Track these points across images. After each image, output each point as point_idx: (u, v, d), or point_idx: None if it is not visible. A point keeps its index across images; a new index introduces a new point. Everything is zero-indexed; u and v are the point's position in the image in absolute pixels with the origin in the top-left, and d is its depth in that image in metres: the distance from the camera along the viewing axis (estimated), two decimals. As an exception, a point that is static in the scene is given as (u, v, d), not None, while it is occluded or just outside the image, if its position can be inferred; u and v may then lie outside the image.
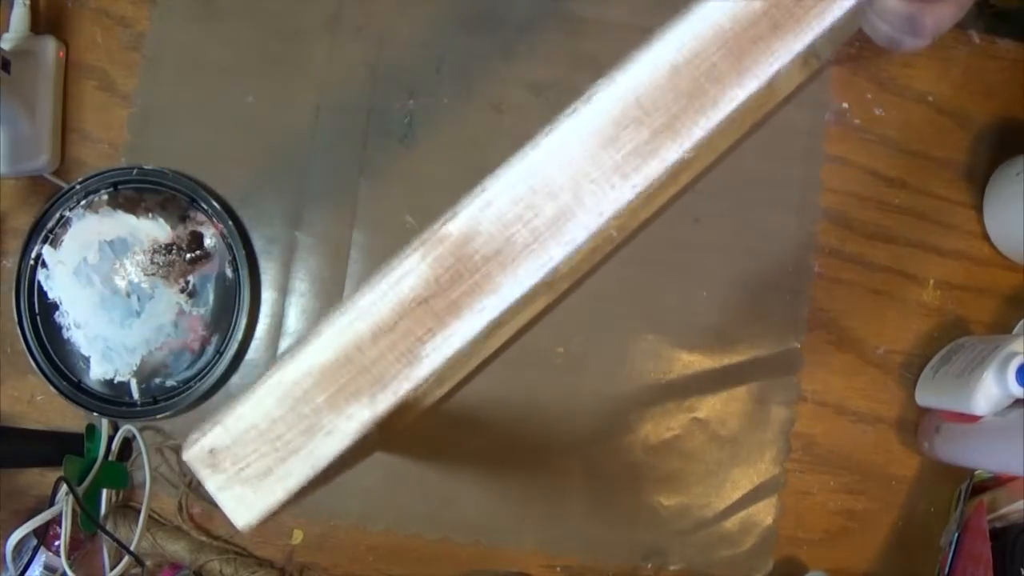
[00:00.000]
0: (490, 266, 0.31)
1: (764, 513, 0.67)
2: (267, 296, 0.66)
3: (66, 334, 0.63)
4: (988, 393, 0.59)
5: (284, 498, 0.32)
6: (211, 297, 0.64)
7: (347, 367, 0.31)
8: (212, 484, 0.32)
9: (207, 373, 0.63)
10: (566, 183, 0.32)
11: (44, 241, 0.63)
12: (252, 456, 0.32)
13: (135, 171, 0.63)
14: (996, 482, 0.66)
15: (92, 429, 0.63)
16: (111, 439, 0.63)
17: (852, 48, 0.69)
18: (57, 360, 0.63)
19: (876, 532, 0.68)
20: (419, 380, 0.31)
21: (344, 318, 0.31)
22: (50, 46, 0.64)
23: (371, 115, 0.67)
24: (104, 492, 0.62)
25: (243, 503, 0.32)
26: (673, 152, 0.31)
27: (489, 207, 0.31)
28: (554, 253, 0.31)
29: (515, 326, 0.45)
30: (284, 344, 0.66)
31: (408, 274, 0.31)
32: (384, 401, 0.31)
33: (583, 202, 0.31)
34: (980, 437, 0.61)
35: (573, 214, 0.31)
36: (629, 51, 0.33)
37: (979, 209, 0.69)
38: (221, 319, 0.64)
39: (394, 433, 0.43)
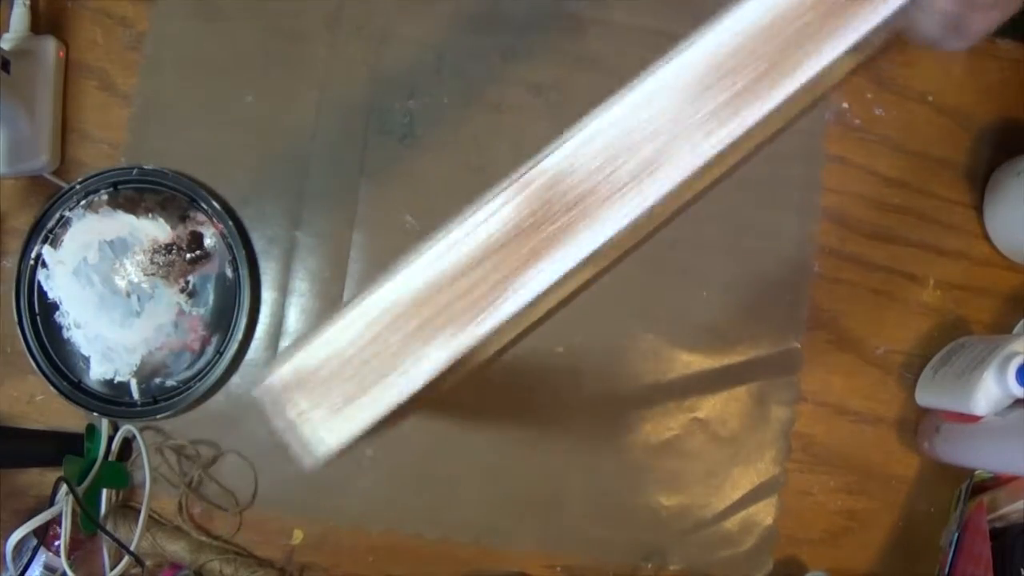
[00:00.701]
0: (573, 214, 0.31)
1: (764, 513, 0.67)
2: (267, 296, 0.66)
3: (66, 334, 0.63)
4: (988, 393, 0.59)
5: (364, 427, 0.31)
6: (211, 297, 0.64)
7: (436, 298, 0.32)
8: (291, 412, 0.32)
9: (207, 373, 0.63)
10: (651, 136, 0.32)
11: (44, 241, 0.63)
12: (335, 382, 0.32)
13: (135, 171, 0.63)
14: (996, 482, 0.66)
15: (92, 429, 0.63)
16: (111, 439, 0.63)
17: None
18: (57, 360, 0.63)
19: (876, 532, 0.68)
20: (508, 315, 0.31)
21: (434, 250, 0.32)
22: (50, 46, 0.64)
23: (371, 115, 0.67)
24: (104, 492, 0.62)
25: (322, 430, 0.32)
26: (752, 115, 0.32)
27: (578, 154, 0.31)
28: (635, 205, 0.31)
29: (560, 295, 0.46)
30: (284, 344, 0.66)
31: (500, 209, 0.32)
32: (473, 333, 0.31)
33: (670, 156, 0.31)
34: (980, 437, 0.61)
35: (657, 168, 0.31)
36: (700, 21, 0.33)
37: (979, 209, 0.69)
38: (221, 319, 0.64)
39: (441, 390, 0.44)
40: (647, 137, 0.31)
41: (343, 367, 0.31)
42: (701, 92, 0.32)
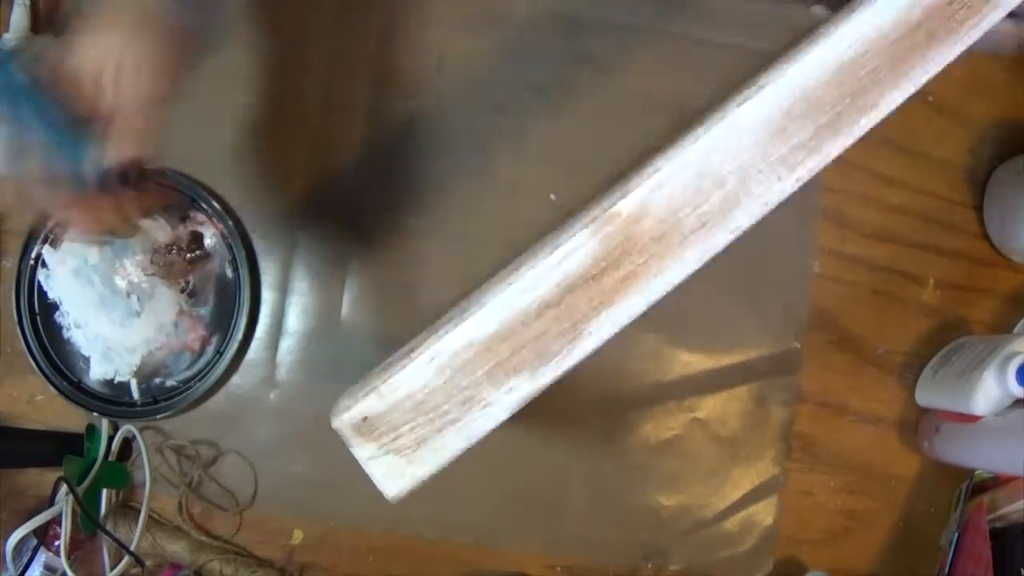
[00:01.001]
0: (658, 247, 0.31)
1: (764, 513, 0.67)
2: (267, 296, 0.66)
3: (66, 334, 0.63)
4: (988, 393, 0.58)
5: (435, 470, 0.32)
6: (211, 297, 0.64)
7: (509, 340, 0.31)
8: (363, 453, 0.32)
9: (207, 373, 0.63)
10: (734, 171, 0.32)
11: (44, 241, 0.63)
12: (406, 426, 0.31)
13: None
14: (996, 482, 0.66)
15: (92, 429, 0.63)
16: (111, 439, 0.63)
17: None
18: (57, 360, 0.63)
19: (876, 532, 0.68)
20: (582, 356, 0.31)
21: (508, 291, 0.31)
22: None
23: (371, 115, 0.67)
24: (104, 492, 0.62)
25: (394, 473, 0.32)
26: (835, 149, 0.32)
27: (660, 189, 0.31)
28: (719, 239, 0.32)
29: None
30: (284, 344, 0.66)
31: (576, 250, 0.31)
32: (545, 376, 0.31)
33: (750, 191, 0.32)
34: (980, 437, 0.61)
35: (739, 202, 0.32)
36: (794, 45, 0.33)
37: (979, 209, 0.69)
38: (221, 319, 0.64)
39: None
40: (731, 173, 0.32)
41: (414, 411, 0.31)
42: (786, 126, 0.32)
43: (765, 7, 0.68)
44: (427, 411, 0.32)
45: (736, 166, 0.32)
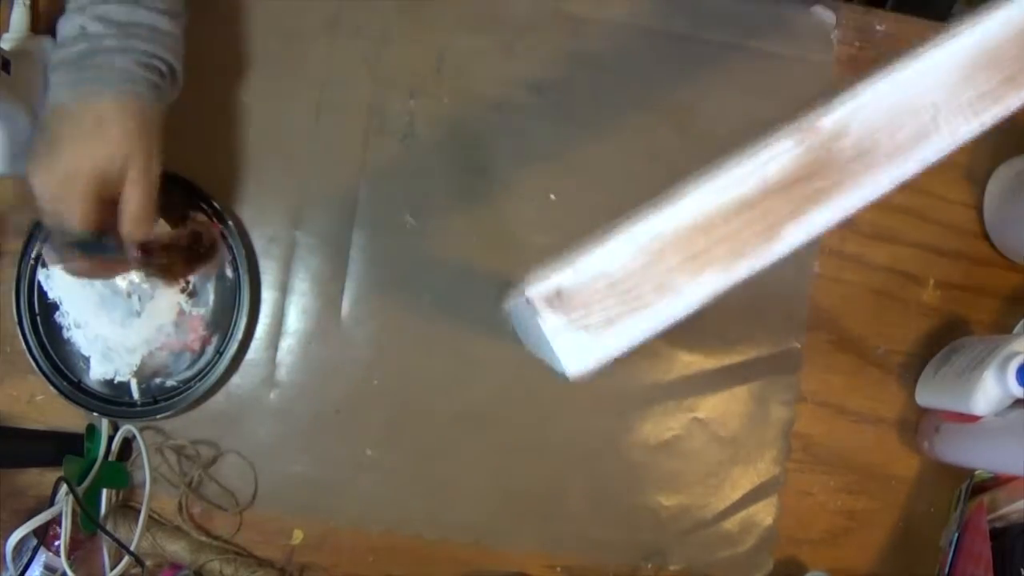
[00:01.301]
0: (855, 164, 0.33)
1: (764, 513, 0.67)
2: (267, 296, 0.66)
3: (66, 334, 0.63)
4: (988, 393, 0.59)
5: (619, 352, 0.32)
6: (211, 297, 0.64)
7: (707, 234, 0.33)
8: (550, 325, 0.32)
9: (207, 373, 0.63)
10: (927, 107, 0.34)
11: (44, 241, 0.63)
12: (598, 304, 0.32)
13: (135, 171, 0.63)
14: (996, 482, 0.66)
15: (92, 429, 0.63)
16: (111, 439, 0.63)
17: (852, 48, 0.69)
18: (57, 360, 0.63)
19: (876, 532, 0.68)
20: (774, 258, 0.33)
21: (708, 187, 0.33)
22: (50, 46, 0.64)
23: (371, 115, 0.67)
24: (104, 492, 0.62)
25: (580, 349, 0.32)
26: (1013, 102, 0.34)
27: (860, 111, 0.33)
28: (909, 167, 0.33)
29: None
30: (284, 344, 0.66)
31: (779, 156, 0.33)
32: (738, 272, 0.33)
33: (939, 127, 0.34)
34: (980, 437, 0.61)
35: (929, 136, 0.34)
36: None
37: (979, 209, 0.69)
38: (221, 319, 0.64)
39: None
40: (924, 107, 0.34)
41: (607, 290, 0.32)
42: (974, 73, 0.34)
43: (765, 7, 0.68)
44: (620, 292, 0.32)
45: (929, 102, 0.34)
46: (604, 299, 0.32)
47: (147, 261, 0.56)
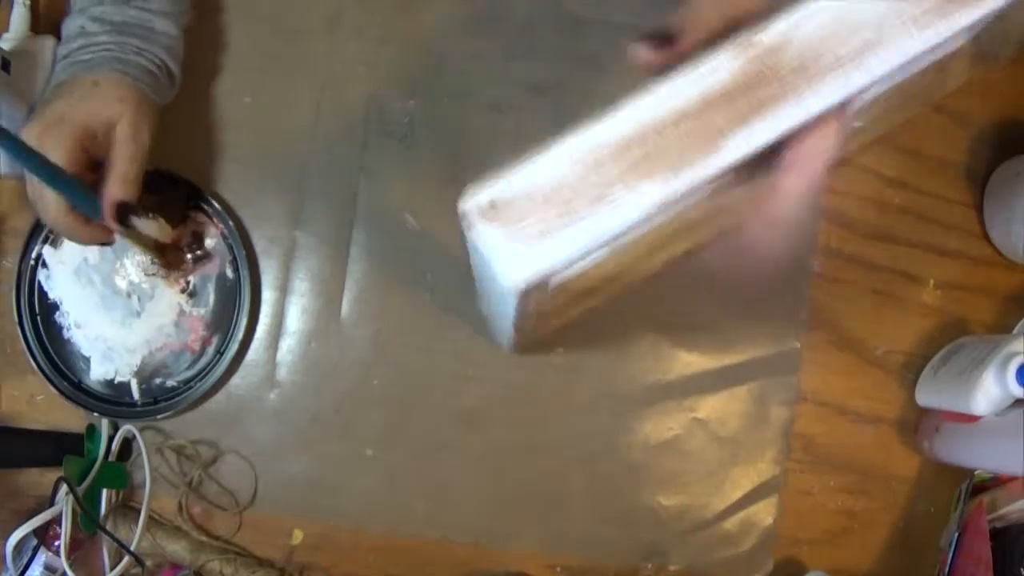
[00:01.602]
0: (796, 77, 0.33)
1: (764, 513, 0.67)
2: (267, 296, 0.66)
3: (66, 334, 0.63)
4: (988, 393, 0.59)
5: (557, 264, 0.32)
6: (211, 297, 0.64)
7: (644, 146, 0.32)
8: (487, 236, 0.32)
9: (207, 373, 0.63)
10: (871, 21, 0.34)
11: (44, 241, 0.63)
12: (533, 216, 0.32)
13: (135, 171, 0.63)
14: (996, 482, 0.66)
15: (92, 429, 0.63)
16: (111, 439, 0.63)
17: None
18: (57, 360, 0.63)
19: (876, 532, 0.68)
20: (712, 171, 0.32)
21: (646, 99, 0.32)
22: (50, 46, 0.64)
23: (371, 115, 0.67)
24: (104, 492, 0.62)
25: (516, 259, 0.32)
26: (959, 18, 0.34)
27: (800, 27, 0.33)
28: (854, 79, 0.33)
29: (639, 249, 0.46)
30: (284, 344, 0.66)
31: (717, 69, 0.33)
32: (677, 184, 0.32)
33: (883, 41, 0.33)
34: (980, 437, 0.61)
35: (875, 50, 0.33)
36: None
37: (979, 209, 0.69)
38: (221, 319, 0.64)
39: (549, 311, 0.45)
40: (867, 22, 0.33)
41: (542, 202, 0.32)
42: None
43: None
44: (557, 203, 0.32)
45: (872, 17, 0.34)
46: (540, 211, 0.32)
47: (123, 232, 0.56)
